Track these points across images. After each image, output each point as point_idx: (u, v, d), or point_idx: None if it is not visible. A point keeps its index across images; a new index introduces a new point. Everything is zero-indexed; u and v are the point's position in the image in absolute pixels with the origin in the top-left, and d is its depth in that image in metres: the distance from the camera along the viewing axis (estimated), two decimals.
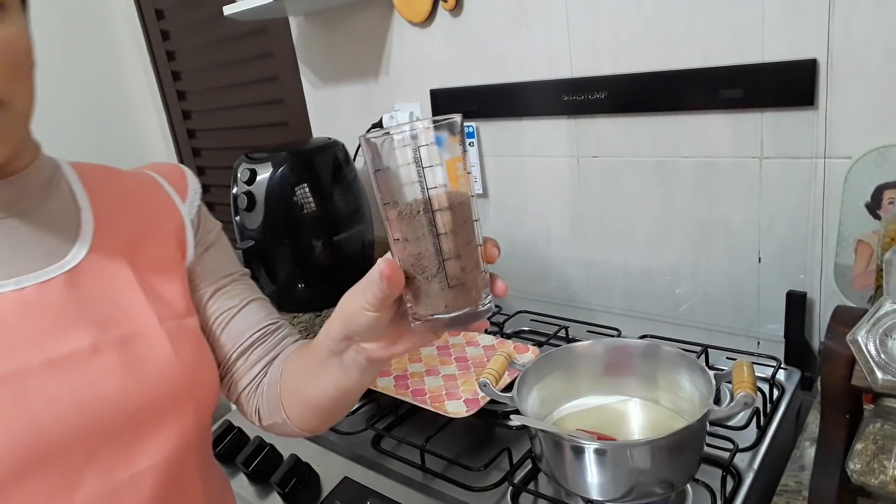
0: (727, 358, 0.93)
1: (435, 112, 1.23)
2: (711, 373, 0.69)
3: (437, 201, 0.42)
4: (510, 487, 0.74)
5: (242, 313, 0.66)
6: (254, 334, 0.65)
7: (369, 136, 0.42)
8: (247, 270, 0.71)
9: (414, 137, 0.42)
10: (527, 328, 1.12)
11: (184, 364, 0.57)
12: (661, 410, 0.76)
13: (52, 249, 0.55)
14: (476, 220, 0.45)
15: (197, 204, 0.67)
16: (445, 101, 1.20)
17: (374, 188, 0.44)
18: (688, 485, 0.70)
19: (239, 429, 0.95)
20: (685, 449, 0.65)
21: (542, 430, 0.67)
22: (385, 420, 0.90)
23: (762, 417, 0.79)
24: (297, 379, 0.60)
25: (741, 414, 0.67)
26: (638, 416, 0.77)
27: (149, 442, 0.54)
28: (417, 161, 0.42)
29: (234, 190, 1.21)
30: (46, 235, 0.55)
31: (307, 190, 1.19)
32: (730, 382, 0.69)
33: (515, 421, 0.66)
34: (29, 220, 0.55)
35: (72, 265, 0.55)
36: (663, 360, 0.76)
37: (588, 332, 1.04)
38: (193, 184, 0.68)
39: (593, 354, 0.78)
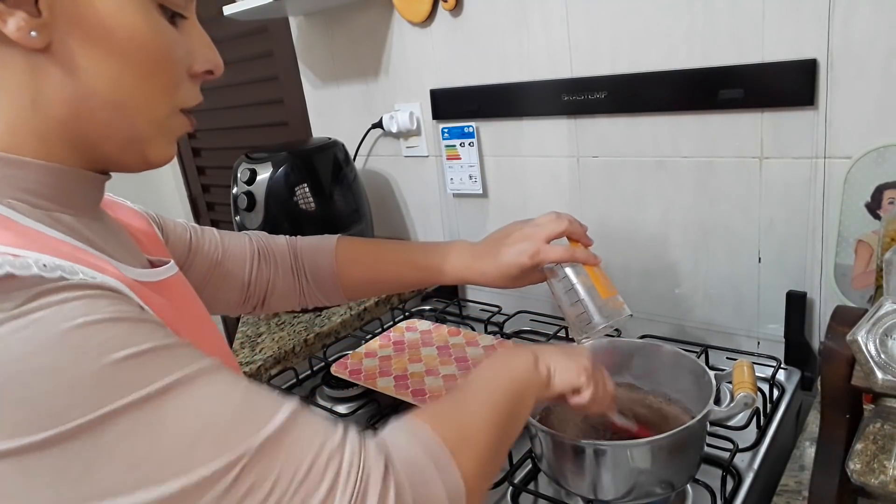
0: (727, 358, 0.93)
1: (435, 112, 1.23)
2: (712, 373, 0.69)
3: None
4: (510, 487, 0.74)
5: (227, 253, 0.74)
6: (251, 258, 0.76)
7: None
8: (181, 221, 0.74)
9: None
10: (527, 328, 1.12)
11: None
12: (662, 410, 0.76)
13: (136, 249, 0.54)
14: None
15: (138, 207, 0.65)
16: (445, 101, 1.20)
17: None
18: (688, 485, 0.70)
19: None
20: (685, 449, 0.65)
21: (543, 430, 0.66)
22: (385, 420, 0.89)
23: (762, 417, 0.79)
24: (378, 287, 0.83)
25: (741, 414, 0.67)
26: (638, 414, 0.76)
27: None
28: None
29: (234, 190, 1.21)
30: (126, 235, 0.54)
31: (307, 190, 1.19)
32: (730, 382, 0.69)
33: None
34: (111, 219, 0.53)
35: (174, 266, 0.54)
36: (663, 360, 0.76)
37: None
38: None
39: (594, 354, 0.78)
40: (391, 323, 1.18)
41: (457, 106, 1.18)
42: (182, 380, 0.35)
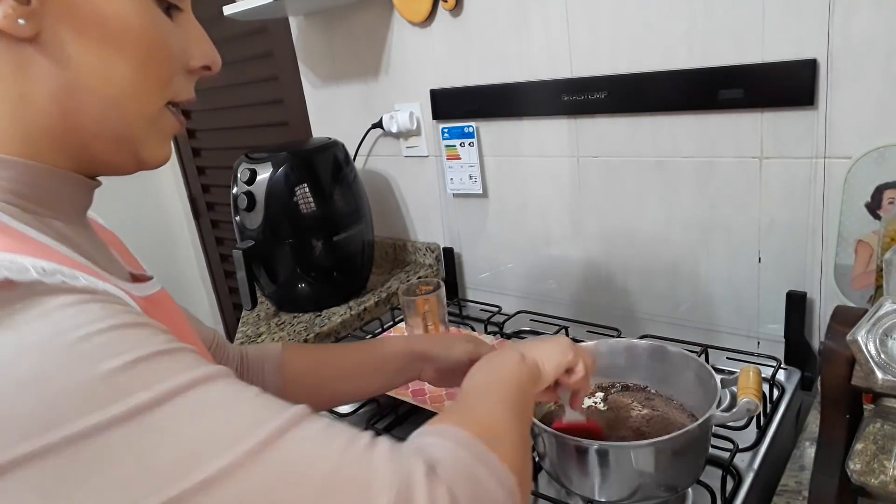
0: (727, 358, 0.92)
1: (435, 112, 1.23)
2: (718, 377, 0.69)
3: None
4: None
5: None
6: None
7: None
8: None
9: None
10: (527, 328, 1.12)
11: None
12: (664, 412, 0.76)
13: (119, 262, 0.50)
14: None
15: None
16: (445, 101, 1.20)
17: None
18: None
19: None
20: (688, 452, 0.65)
21: (547, 431, 0.66)
22: (385, 420, 0.90)
23: (762, 417, 0.79)
24: (325, 380, 0.72)
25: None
26: (641, 416, 0.76)
27: None
28: None
29: (234, 190, 1.21)
30: (108, 247, 0.50)
31: (307, 190, 1.19)
32: (734, 386, 0.69)
33: None
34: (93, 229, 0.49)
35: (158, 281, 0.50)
36: (669, 361, 0.76)
37: (588, 332, 1.04)
38: None
39: (597, 354, 0.78)
40: (391, 323, 1.18)
41: (457, 106, 1.18)
42: (187, 383, 0.32)
